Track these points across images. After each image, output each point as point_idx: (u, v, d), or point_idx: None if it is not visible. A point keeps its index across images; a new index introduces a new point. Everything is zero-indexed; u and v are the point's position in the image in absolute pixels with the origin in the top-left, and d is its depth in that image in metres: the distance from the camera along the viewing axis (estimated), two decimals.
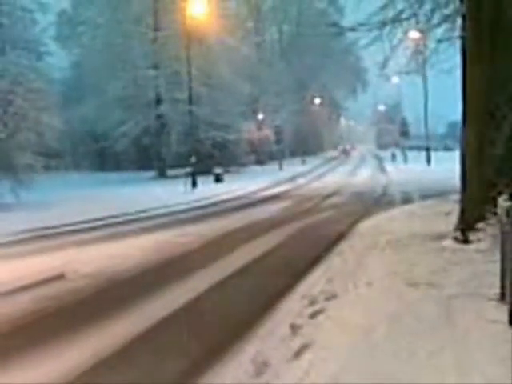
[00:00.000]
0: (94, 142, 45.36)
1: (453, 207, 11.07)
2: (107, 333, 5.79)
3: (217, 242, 11.69)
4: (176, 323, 6.14)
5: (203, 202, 21.31)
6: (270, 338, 5.39)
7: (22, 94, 21.22)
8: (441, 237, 9.43)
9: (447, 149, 61.27)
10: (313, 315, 5.93)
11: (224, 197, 23.52)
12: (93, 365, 4.87)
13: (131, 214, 17.49)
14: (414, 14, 11.30)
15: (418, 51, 14.77)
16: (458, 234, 8.90)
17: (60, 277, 8.39)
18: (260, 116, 53.50)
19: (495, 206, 6.21)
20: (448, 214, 11.81)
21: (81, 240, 12.29)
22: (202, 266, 8.98)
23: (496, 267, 5.70)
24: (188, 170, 28.29)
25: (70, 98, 41.76)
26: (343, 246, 10.31)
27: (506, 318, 4.97)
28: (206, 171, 33.08)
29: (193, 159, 28.46)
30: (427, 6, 11.08)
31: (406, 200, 19.00)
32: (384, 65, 13.19)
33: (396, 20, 11.27)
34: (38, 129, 21.76)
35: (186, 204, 20.71)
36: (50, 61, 44.48)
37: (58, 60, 47.87)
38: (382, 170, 42.97)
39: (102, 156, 46.99)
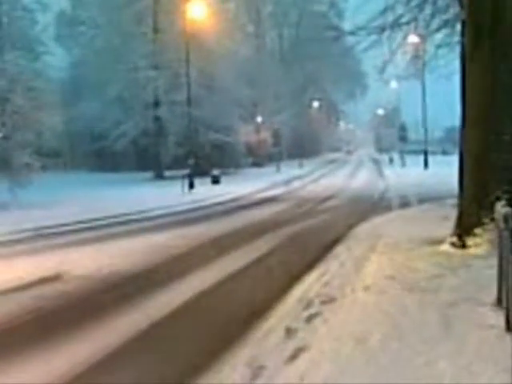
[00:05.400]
0: (92, 142, 45.36)
1: (450, 212, 11.04)
2: (94, 338, 5.69)
3: (210, 245, 11.60)
4: (174, 325, 6.11)
5: (200, 204, 21.27)
6: (264, 342, 5.35)
7: (20, 93, 21.20)
8: (438, 241, 9.41)
9: (445, 153, 61.27)
10: (309, 319, 5.90)
11: (220, 199, 23.48)
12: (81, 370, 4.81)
13: (127, 214, 17.46)
14: (414, 19, 11.30)
15: (417, 56, 14.80)
16: (456, 239, 8.87)
17: (55, 278, 8.34)
18: (259, 119, 53.51)
19: (493, 211, 6.19)
20: (445, 218, 11.78)
21: (77, 240, 12.26)
22: (196, 270, 8.92)
23: (493, 273, 5.68)
24: (186, 171, 28.27)
25: (69, 97, 41.80)
26: (340, 249, 10.28)
27: (502, 323, 4.95)
28: (204, 173, 33.05)
29: (190, 161, 28.44)
30: (427, 11, 11.09)
31: (404, 204, 18.97)
32: (383, 69, 13.22)
33: (395, 24, 11.28)
34: (36, 128, 21.73)
35: (183, 205, 20.67)
36: (50, 61, 44.40)
37: (58, 60, 47.84)
38: (380, 173, 42.96)
39: (100, 156, 46.95)
